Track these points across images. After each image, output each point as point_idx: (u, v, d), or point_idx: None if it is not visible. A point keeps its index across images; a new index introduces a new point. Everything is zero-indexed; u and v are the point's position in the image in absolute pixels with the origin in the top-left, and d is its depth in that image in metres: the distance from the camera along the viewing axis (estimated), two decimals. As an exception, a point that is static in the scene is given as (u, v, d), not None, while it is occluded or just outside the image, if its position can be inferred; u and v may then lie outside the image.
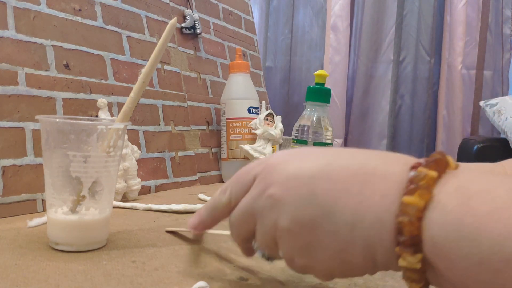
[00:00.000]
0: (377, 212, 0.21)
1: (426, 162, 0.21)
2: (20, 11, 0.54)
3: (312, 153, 0.25)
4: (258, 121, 0.81)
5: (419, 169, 0.21)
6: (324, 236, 0.23)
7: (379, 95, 1.64)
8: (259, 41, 1.38)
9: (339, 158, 0.24)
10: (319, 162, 0.24)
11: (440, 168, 0.21)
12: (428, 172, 0.20)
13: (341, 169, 0.23)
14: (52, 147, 0.36)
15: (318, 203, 0.23)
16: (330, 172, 0.23)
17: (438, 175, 0.20)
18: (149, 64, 0.39)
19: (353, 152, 0.25)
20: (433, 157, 0.22)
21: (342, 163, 0.23)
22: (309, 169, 0.24)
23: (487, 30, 1.55)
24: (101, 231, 0.38)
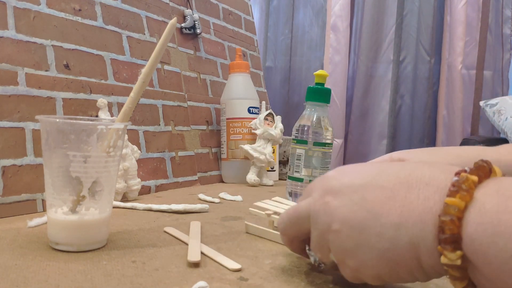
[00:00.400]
0: (420, 213, 0.23)
1: (469, 169, 0.23)
2: (20, 11, 0.54)
3: (367, 166, 0.28)
4: (258, 121, 0.81)
5: (462, 174, 0.22)
6: (371, 237, 0.25)
7: (379, 95, 1.64)
8: (259, 41, 1.38)
9: (389, 168, 0.26)
10: (370, 173, 0.26)
11: (482, 173, 0.22)
12: (469, 176, 0.22)
13: (389, 178, 0.25)
14: (52, 147, 0.36)
15: (367, 207, 0.25)
16: (380, 180, 0.25)
17: (479, 179, 0.22)
18: (149, 64, 0.39)
19: (403, 164, 0.26)
20: (476, 164, 0.23)
21: (392, 172, 0.26)
22: (361, 179, 0.26)
23: (487, 30, 1.55)
24: (101, 231, 0.38)
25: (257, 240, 0.42)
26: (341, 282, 0.31)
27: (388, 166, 0.26)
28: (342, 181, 0.27)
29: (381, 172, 0.26)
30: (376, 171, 0.26)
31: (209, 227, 0.47)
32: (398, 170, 0.25)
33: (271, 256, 0.37)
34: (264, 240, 0.42)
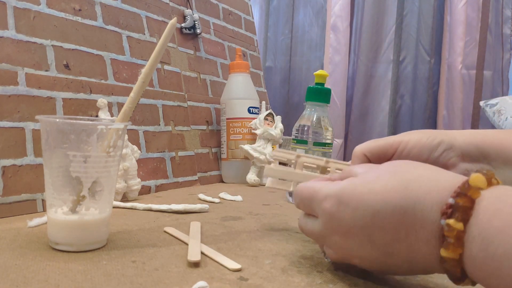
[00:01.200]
0: (424, 254, 0.27)
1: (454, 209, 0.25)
2: (20, 11, 0.54)
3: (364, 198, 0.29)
4: (258, 121, 0.81)
5: (448, 222, 0.24)
6: (389, 269, 0.30)
7: (379, 95, 1.64)
8: (259, 41, 1.38)
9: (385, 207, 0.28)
10: (368, 211, 0.28)
11: (466, 216, 0.24)
12: (455, 225, 0.24)
13: (388, 218, 0.27)
14: (52, 147, 0.36)
15: (377, 247, 0.29)
16: (380, 222, 0.28)
17: (464, 228, 0.24)
18: (149, 64, 0.39)
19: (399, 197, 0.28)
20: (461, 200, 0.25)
21: (388, 210, 0.27)
22: (361, 219, 0.29)
23: (487, 30, 1.55)
24: (101, 231, 0.38)
25: (257, 240, 0.42)
26: (341, 282, 0.31)
27: (384, 200, 0.28)
28: (345, 220, 0.30)
29: (378, 212, 0.28)
30: (371, 210, 0.28)
31: (209, 227, 0.47)
32: (393, 209, 0.27)
33: (271, 256, 0.37)
34: (264, 240, 0.42)
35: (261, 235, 0.44)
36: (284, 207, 0.60)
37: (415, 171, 0.28)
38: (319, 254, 0.38)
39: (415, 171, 0.28)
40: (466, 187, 0.25)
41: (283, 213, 0.57)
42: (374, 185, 0.29)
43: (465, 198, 0.24)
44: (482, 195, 0.24)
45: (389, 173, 0.29)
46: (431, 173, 0.28)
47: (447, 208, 0.25)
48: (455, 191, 0.25)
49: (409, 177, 0.28)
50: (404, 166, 0.30)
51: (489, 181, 0.25)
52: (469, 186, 0.25)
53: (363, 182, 0.29)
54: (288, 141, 0.90)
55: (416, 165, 0.30)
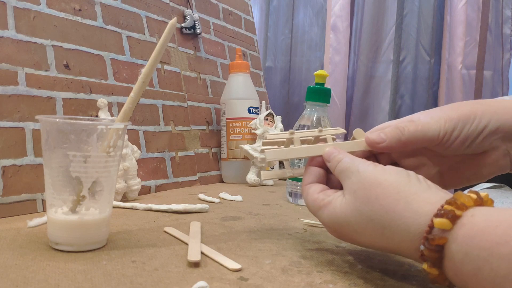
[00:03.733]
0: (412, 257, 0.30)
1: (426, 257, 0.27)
2: (20, 11, 0.54)
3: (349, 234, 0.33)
4: (258, 121, 0.81)
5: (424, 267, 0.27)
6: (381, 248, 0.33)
7: (379, 95, 1.64)
8: (259, 41, 1.38)
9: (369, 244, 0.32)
10: (359, 243, 0.33)
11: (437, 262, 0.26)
12: (430, 270, 0.26)
13: (378, 247, 0.32)
14: (52, 147, 0.36)
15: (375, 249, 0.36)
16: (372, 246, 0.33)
17: (439, 270, 0.26)
18: (149, 64, 0.39)
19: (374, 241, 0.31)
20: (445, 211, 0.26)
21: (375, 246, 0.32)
22: (357, 243, 0.34)
23: (487, 30, 1.55)
24: (101, 231, 0.38)
25: (257, 240, 0.42)
26: (341, 282, 0.31)
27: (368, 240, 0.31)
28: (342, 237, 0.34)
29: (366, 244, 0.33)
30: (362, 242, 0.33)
31: (209, 227, 0.47)
32: (378, 247, 0.32)
33: (271, 256, 0.37)
34: (264, 240, 0.42)
35: (261, 235, 0.44)
36: (284, 207, 0.60)
37: (387, 214, 0.29)
38: (319, 254, 0.38)
39: (386, 214, 0.29)
40: (431, 237, 0.26)
41: (283, 213, 0.57)
42: (356, 227, 0.31)
43: (431, 249, 0.26)
44: (449, 239, 0.25)
45: (366, 216, 0.30)
46: (402, 216, 0.28)
47: (422, 255, 0.27)
48: (423, 237, 0.26)
49: (383, 224, 0.29)
50: (378, 204, 0.29)
51: (453, 218, 0.25)
52: (433, 236, 0.26)
53: (348, 222, 0.32)
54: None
55: (388, 198, 0.29)
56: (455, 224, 0.25)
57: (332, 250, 0.40)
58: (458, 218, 0.25)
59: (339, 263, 0.36)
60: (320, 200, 0.34)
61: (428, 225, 0.26)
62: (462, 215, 0.25)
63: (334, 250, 0.40)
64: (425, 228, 0.26)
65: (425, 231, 0.26)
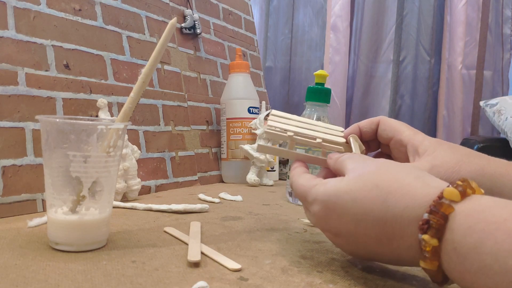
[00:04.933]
0: (408, 257, 0.28)
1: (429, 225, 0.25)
2: (20, 11, 0.54)
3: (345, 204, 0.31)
4: (258, 121, 0.81)
5: (423, 237, 0.26)
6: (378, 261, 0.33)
7: (379, 95, 1.64)
8: (259, 41, 1.38)
9: (367, 215, 0.29)
10: (352, 220, 0.30)
11: (439, 232, 0.25)
12: (430, 241, 0.25)
13: (370, 228, 0.29)
14: (52, 147, 0.36)
15: (363, 248, 0.31)
16: (363, 229, 0.30)
17: (439, 243, 0.25)
18: (149, 64, 0.39)
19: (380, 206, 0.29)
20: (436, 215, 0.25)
21: (369, 220, 0.29)
22: (346, 226, 0.31)
23: (487, 30, 1.55)
24: (101, 231, 0.38)
25: (257, 240, 0.42)
26: (341, 282, 0.31)
27: (365, 211, 0.29)
28: (332, 224, 0.32)
29: (361, 221, 0.29)
30: (356, 218, 0.30)
31: (209, 227, 0.47)
32: (373, 220, 0.29)
33: (271, 256, 0.37)
34: (264, 240, 0.42)
35: (261, 235, 0.44)
36: (284, 207, 0.60)
37: (395, 182, 0.29)
38: (319, 254, 0.38)
39: (395, 182, 0.29)
40: (439, 203, 0.25)
41: (283, 213, 0.57)
42: (357, 194, 0.30)
43: (438, 215, 0.25)
44: (455, 210, 0.25)
45: (371, 182, 0.29)
46: (411, 185, 0.28)
47: (422, 224, 0.26)
48: (430, 205, 0.26)
49: (389, 190, 0.28)
50: (387, 175, 0.30)
51: (464, 192, 0.26)
52: (441, 203, 0.25)
53: (348, 190, 0.30)
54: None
55: (398, 172, 0.30)
56: (464, 199, 0.25)
57: (332, 250, 0.40)
58: (468, 195, 0.26)
59: (339, 263, 0.36)
60: (314, 179, 0.34)
61: (437, 195, 0.26)
62: (471, 195, 0.26)
63: (334, 250, 0.40)
64: (434, 197, 0.26)
65: (433, 199, 0.26)
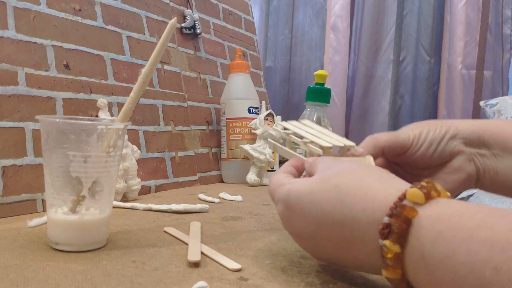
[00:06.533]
0: (370, 266, 0.27)
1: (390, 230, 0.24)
2: (20, 11, 0.54)
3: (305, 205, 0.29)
4: (258, 121, 0.81)
5: (384, 243, 0.24)
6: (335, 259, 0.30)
7: (379, 95, 1.64)
8: (259, 41, 1.38)
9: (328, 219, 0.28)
10: (312, 221, 0.29)
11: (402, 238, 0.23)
12: (392, 247, 0.23)
13: (329, 230, 0.28)
14: (52, 147, 0.36)
15: (326, 252, 0.30)
16: (323, 232, 0.28)
17: (402, 250, 0.23)
18: (149, 64, 0.39)
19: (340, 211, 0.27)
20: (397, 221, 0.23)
21: (328, 223, 0.28)
22: (307, 227, 0.29)
23: (487, 30, 1.55)
24: (101, 231, 0.38)
25: (257, 240, 0.42)
26: (341, 282, 0.31)
27: (323, 214, 0.28)
28: (292, 229, 0.31)
29: (321, 223, 0.28)
30: (316, 221, 0.28)
31: (209, 227, 0.47)
32: (332, 223, 0.27)
33: (271, 256, 0.37)
34: (264, 240, 0.42)
35: (261, 235, 0.44)
36: (284, 207, 0.60)
37: (355, 183, 0.27)
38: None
39: (355, 183, 0.27)
40: (401, 205, 0.23)
41: (283, 213, 0.56)
42: (316, 196, 0.28)
43: (400, 218, 0.23)
44: (419, 214, 0.23)
45: (331, 183, 0.28)
46: (371, 186, 0.27)
47: (383, 229, 0.24)
48: (390, 208, 0.24)
49: (348, 191, 0.27)
50: (348, 176, 0.28)
51: (428, 194, 0.24)
52: (403, 205, 0.23)
53: (308, 191, 0.29)
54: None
55: (361, 173, 0.28)
56: (429, 201, 0.23)
57: (332, 250, 0.40)
58: (432, 198, 0.24)
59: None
60: (284, 178, 0.33)
61: (399, 196, 0.24)
62: (437, 198, 0.24)
63: (334, 250, 0.40)
64: (395, 199, 0.24)
65: (393, 201, 0.24)
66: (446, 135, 0.38)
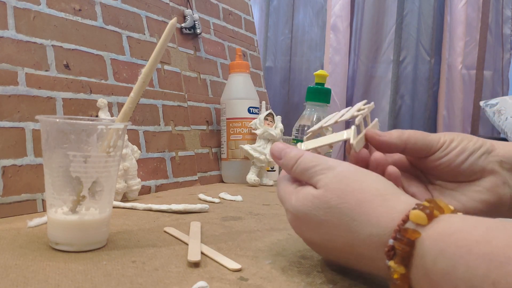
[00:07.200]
0: (380, 274, 0.28)
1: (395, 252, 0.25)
2: (20, 11, 0.54)
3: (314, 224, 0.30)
4: (258, 121, 0.81)
5: (390, 264, 0.25)
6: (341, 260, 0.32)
7: (379, 95, 1.64)
8: (259, 41, 1.38)
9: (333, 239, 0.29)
10: (321, 239, 0.30)
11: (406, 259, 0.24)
12: (397, 268, 0.24)
13: (339, 249, 0.29)
14: (52, 147, 0.36)
15: (337, 259, 0.32)
16: (333, 248, 0.30)
17: (406, 270, 0.24)
18: (149, 64, 0.39)
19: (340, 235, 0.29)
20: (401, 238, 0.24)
21: (337, 244, 0.29)
22: (317, 241, 0.31)
23: (487, 30, 1.55)
24: (101, 231, 0.38)
25: (257, 240, 0.42)
26: (341, 282, 0.31)
27: (331, 237, 0.29)
28: (304, 235, 0.32)
29: (330, 241, 0.29)
30: (325, 239, 0.30)
31: (209, 227, 0.47)
32: (341, 244, 0.29)
33: (271, 256, 0.37)
34: (264, 240, 0.42)
35: (261, 235, 0.44)
36: (284, 207, 0.60)
37: (358, 206, 0.27)
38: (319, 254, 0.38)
39: (358, 206, 0.27)
40: (404, 229, 0.24)
41: (283, 213, 0.56)
42: (322, 218, 0.29)
43: (403, 242, 0.24)
44: (422, 235, 0.24)
45: (335, 207, 0.28)
46: (374, 209, 0.27)
47: (388, 251, 0.25)
48: (394, 231, 0.25)
49: (352, 216, 0.27)
50: (351, 196, 0.28)
51: (430, 215, 0.24)
52: (406, 229, 0.24)
53: (315, 212, 0.29)
54: (288, 141, 0.90)
55: (361, 191, 0.28)
56: (431, 221, 0.24)
57: (332, 250, 0.40)
58: (435, 217, 0.24)
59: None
60: (290, 186, 0.33)
61: (402, 218, 0.25)
62: (439, 216, 0.25)
63: (334, 250, 0.40)
64: (398, 222, 0.25)
65: (397, 224, 0.25)
66: (481, 148, 0.35)
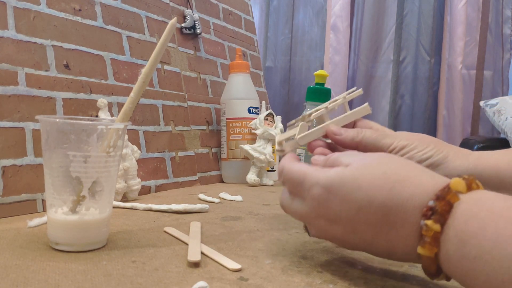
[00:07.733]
0: (403, 249, 0.28)
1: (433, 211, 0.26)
2: (20, 11, 0.54)
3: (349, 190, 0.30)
4: (258, 121, 0.81)
5: (426, 222, 0.26)
6: (369, 252, 0.32)
7: (379, 95, 1.64)
8: (259, 41, 1.38)
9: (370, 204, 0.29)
10: (354, 206, 0.29)
11: (443, 218, 0.25)
12: (433, 226, 0.25)
13: (372, 215, 0.29)
14: (52, 147, 0.36)
15: (359, 237, 0.30)
16: (364, 216, 0.29)
17: (441, 229, 0.25)
18: (149, 64, 0.39)
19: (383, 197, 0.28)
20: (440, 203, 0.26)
21: (372, 208, 0.28)
22: (347, 212, 0.30)
23: (487, 30, 1.55)
24: (101, 231, 0.38)
25: (257, 240, 0.42)
26: (342, 282, 0.31)
27: (369, 199, 0.29)
28: (332, 209, 0.30)
29: (363, 208, 0.29)
30: (357, 205, 0.29)
31: (209, 227, 0.47)
32: (376, 208, 0.28)
33: (271, 256, 0.37)
34: (264, 240, 0.42)
35: (261, 235, 0.44)
36: (284, 207, 0.60)
37: (402, 172, 0.29)
38: (319, 254, 0.38)
39: (402, 172, 0.29)
40: (446, 191, 0.26)
41: (283, 213, 0.56)
42: (362, 181, 0.29)
43: (444, 201, 0.26)
44: (460, 199, 0.25)
45: (378, 170, 0.29)
46: (417, 175, 0.29)
47: (427, 210, 0.26)
48: (436, 194, 0.26)
49: (396, 178, 0.28)
50: (393, 165, 0.30)
51: (469, 185, 0.26)
52: (449, 190, 0.26)
53: (352, 177, 0.30)
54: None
55: (403, 164, 0.30)
56: (470, 191, 0.26)
57: (332, 250, 0.40)
58: (473, 189, 0.26)
59: (339, 263, 0.36)
60: (312, 166, 0.33)
61: (444, 185, 0.27)
62: (476, 190, 0.27)
63: (334, 250, 0.40)
64: (441, 187, 0.26)
65: (439, 188, 0.26)
66: (427, 160, 0.37)
